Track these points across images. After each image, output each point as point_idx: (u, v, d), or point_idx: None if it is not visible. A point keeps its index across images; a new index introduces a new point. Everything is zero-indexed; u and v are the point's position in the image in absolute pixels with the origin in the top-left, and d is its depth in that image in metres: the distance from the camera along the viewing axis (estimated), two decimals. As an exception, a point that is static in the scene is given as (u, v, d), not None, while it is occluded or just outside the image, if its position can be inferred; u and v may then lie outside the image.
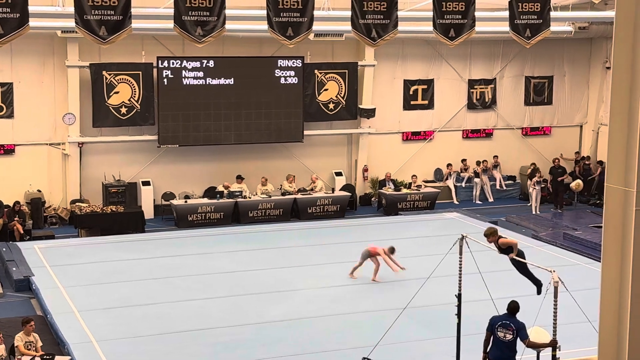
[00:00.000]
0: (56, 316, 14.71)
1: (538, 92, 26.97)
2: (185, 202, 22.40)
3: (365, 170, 25.19)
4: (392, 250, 17.10)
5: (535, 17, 16.35)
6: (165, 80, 22.54)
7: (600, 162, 26.16)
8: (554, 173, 25.07)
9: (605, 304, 6.95)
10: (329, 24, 20.72)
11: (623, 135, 6.72)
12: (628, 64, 6.64)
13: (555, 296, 10.60)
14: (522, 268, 13.05)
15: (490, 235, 12.89)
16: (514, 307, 11.21)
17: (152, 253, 19.19)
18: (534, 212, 23.94)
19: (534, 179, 24.33)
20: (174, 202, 22.52)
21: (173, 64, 22.56)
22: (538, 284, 12.96)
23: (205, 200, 22.62)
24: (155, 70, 22.53)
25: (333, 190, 24.15)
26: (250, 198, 22.80)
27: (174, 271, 17.70)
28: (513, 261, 12.89)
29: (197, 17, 14.96)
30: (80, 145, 22.61)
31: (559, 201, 24.71)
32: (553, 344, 10.87)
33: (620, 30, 6.71)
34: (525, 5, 16.28)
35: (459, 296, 12.36)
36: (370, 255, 17.05)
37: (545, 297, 10.91)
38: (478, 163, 25.83)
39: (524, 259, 12.73)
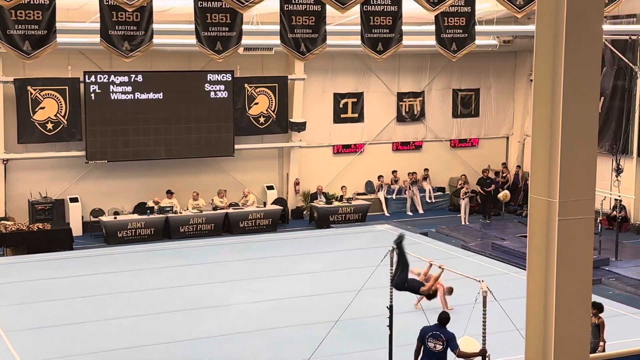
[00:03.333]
0: (-19, 338, 14.33)
1: (465, 105, 27.44)
2: (115, 218, 22.09)
3: (297, 183, 25.23)
4: (450, 291, 15.61)
5: (461, 31, 16.65)
6: (92, 95, 22.22)
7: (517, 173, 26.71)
8: (483, 184, 25.50)
9: (531, 312, 7.10)
10: (258, 38, 20.73)
11: (545, 147, 6.88)
12: (548, 76, 6.82)
13: (484, 305, 10.78)
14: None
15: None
16: (444, 317, 11.35)
17: (81, 271, 18.85)
18: (463, 223, 24.30)
19: (462, 190, 24.73)
20: (103, 218, 22.19)
21: (100, 78, 22.26)
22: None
23: (135, 216, 22.34)
24: (82, 85, 22.20)
25: (265, 204, 24.11)
26: (181, 213, 22.60)
27: (103, 289, 17.41)
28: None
29: (124, 32, 14.81)
30: (5, 162, 22.11)
31: (487, 212, 25.13)
32: (483, 353, 11.04)
33: (540, 44, 6.89)
34: (451, 20, 16.56)
35: (390, 307, 12.47)
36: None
37: (475, 307, 11.07)
38: (409, 175, 26.12)
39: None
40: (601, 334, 11.78)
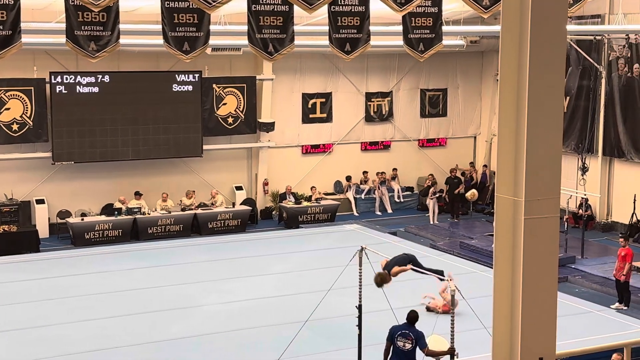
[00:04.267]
0: (-54, 342, 14.14)
1: (433, 105, 27.58)
2: (82, 219, 21.91)
3: (266, 184, 25.20)
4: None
5: (428, 31, 16.73)
6: (58, 95, 22.02)
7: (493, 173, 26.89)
8: (451, 183, 25.64)
9: (497, 310, 7.16)
10: (225, 38, 20.68)
11: (511, 147, 6.94)
12: (514, 76, 6.88)
13: (452, 304, 10.85)
14: (422, 267, 13.31)
15: (384, 282, 12.71)
16: (413, 316, 11.40)
17: (48, 273, 18.67)
18: (431, 222, 24.43)
19: (431, 190, 24.86)
20: (70, 220, 22.00)
21: (67, 79, 22.07)
22: (439, 272, 13.28)
23: (103, 218, 22.18)
24: (48, 85, 21.99)
25: (233, 204, 24.05)
26: (149, 214, 22.48)
27: (71, 291, 17.26)
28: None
29: (90, 32, 14.69)
30: (-31, 164, 21.88)
31: (455, 211, 25.27)
32: (451, 352, 11.12)
33: (505, 44, 6.94)
34: (418, 20, 16.64)
35: (359, 307, 12.50)
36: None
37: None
38: (378, 174, 26.22)
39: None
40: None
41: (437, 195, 24.95)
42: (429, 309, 14.86)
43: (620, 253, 16.59)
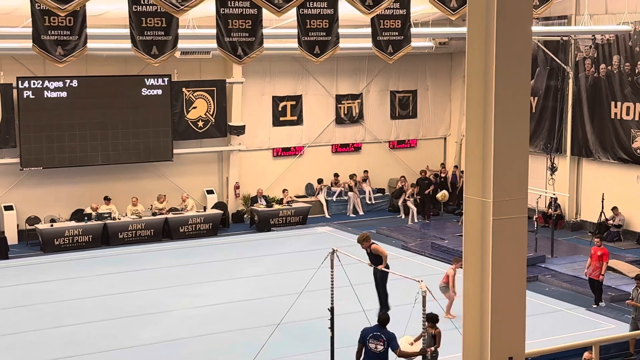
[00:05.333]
0: None
1: (403, 106, 27.68)
2: (51, 225, 21.72)
3: (237, 187, 25.14)
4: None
5: (397, 33, 16.76)
6: (26, 101, 21.81)
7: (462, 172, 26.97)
8: (421, 185, 25.73)
9: (467, 310, 7.19)
10: (194, 42, 20.61)
11: (479, 148, 6.98)
12: (480, 77, 6.91)
13: (424, 305, 10.89)
14: (382, 283, 13.43)
15: (364, 240, 13.28)
16: (384, 318, 11.44)
17: (17, 280, 18.50)
18: (410, 223, 24.41)
19: (408, 192, 24.92)
20: (39, 226, 21.79)
21: (34, 84, 21.86)
22: (385, 306, 13.39)
23: (73, 224, 21.99)
24: (15, 90, 21.76)
25: (205, 208, 23.96)
26: (119, 219, 22.33)
27: (40, 298, 17.12)
28: (378, 273, 13.20)
29: (57, 37, 14.55)
30: (-64, 171, 21.59)
31: (427, 212, 25.37)
32: (423, 353, 11.17)
33: (472, 46, 6.98)
34: (387, 22, 16.66)
35: (331, 309, 12.53)
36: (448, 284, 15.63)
37: (414, 307, 11.18)
38: (351, 177, 26.25)
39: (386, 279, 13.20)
40: (437, 342, 11.85)
41: (414, 198, 24.99)
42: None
43: (596, 253, 16.60)
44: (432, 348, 11.46)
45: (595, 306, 16.52)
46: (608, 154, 22.94)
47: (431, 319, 11.54)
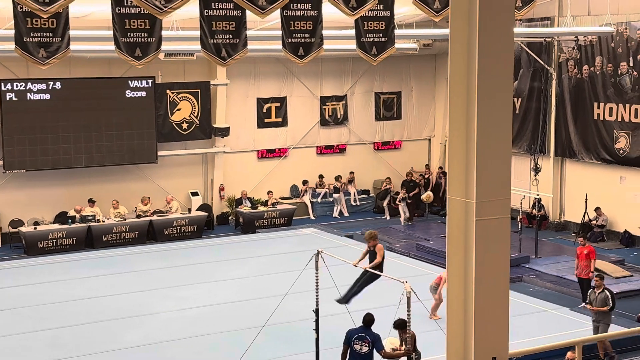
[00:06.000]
0: None
1: (387, 108, 27.72)
2: (35, 228, 21.61)
3: (222, 189, 25.10)
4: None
5: (381, 35, 16.77)
6: (9, 103, 21.69)
7: (445, 173, 27.04)
8: (407, 187, 25.74)
9: (451, 311, 7.22)
10: (178, 43, 20.55)
11: (462, 149, 7.00)
12: (463, 79, 6.94)
13: (408, 306, 10.91)
14: (365, 282, 13.41)
15: (371, 239, 13.18)
16: (369, 319, 11.45)
17: (1, 283, 18.38)
18: (402, 224, 24.33)
19: (400, 195, 24.89)
20: (23, 229, 21.67)
21: (17, 86, 21.75)
22: (346, 299, 13.37)
23: (57, 226, 21.89)
24: (-2, 93, 21.67)
25: (189, 210, 23.91)
26: (103, 222, 22.24)
27: (24, 301, 17.03)
28: (366, 273, 13.19)
29: (40, 39, 14.47)
30: None
31: (411, 213, 25.36)
32: (408, 354, 11.19)
33: (454, 47, 7.01)
34: (371, 24, 16.68)
35: (316, 311, 12.52)
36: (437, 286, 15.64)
37: (399, 308, 11.20)
38: (337, 178, 26.25)
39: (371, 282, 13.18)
40: (411, 345, 11.84)
41: (406, 201, 24.88)
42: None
43: (583, 251, 16.65)
44: (403, 349, 11.40)
45: (583, 305, 16.55)
46: (591, 154, 23.06)
47: (398, 326, 11.53)
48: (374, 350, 11.28)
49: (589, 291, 14.57)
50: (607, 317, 14.10)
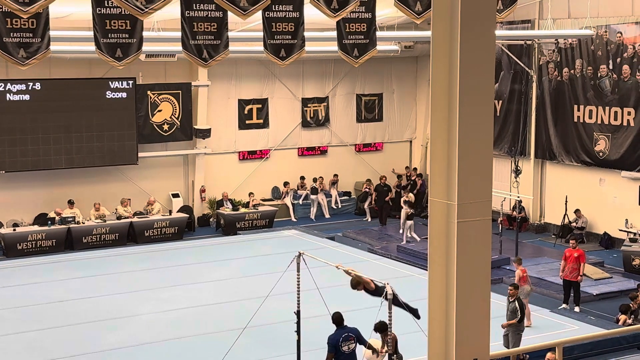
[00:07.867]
0: None
1: (369, 109, 27.76)
2: (14, 230, 21.46)
3: (203, 190, 25.02)
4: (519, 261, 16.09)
5: (362, 37, 16.79)
6: (-12, 103, 21.56)
7: (420, 175, 26.99)
8: (380, 191, 25.65)
9: (432, 313, 7.23)
10: (159, 44, 20.47)
11: (443, 151, 7.02)
12: (445, 81, 6.96)
13: (390, 308, 10.91)
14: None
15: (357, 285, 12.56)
16: (339, 316, 11.64)
17: (-21, 286, 18.25)
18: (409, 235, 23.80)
19: (402, 199, 24.66)
20: (2, 230, 21.52)
21: (-4, 86, 21.62)
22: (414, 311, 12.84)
23: (36, 228, 21.74)
24: (-23, 93, 21.51)
25: (170, 212, 23.82)
26: (83, 223, 22.12)
27: (2, 303, 16.89)
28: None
29: (20, 39, 14.36)
30: None
31: (384, 216, 25.25)
32: (390, 353, 11.19)
33: (436, 50, 7.02)
34: (352, 26, 16.69)
35: (297, 313, 12.51)
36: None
37: (380, 309, 11.20)
38: (315, 180, 26.22)
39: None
40: (392, 347, 11.84)
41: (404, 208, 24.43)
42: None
43: (573, 254, 16.68)
44: (384, 350, 11.44)
45: (564, 307, 16.65)
46: (571, 156, 23.20)
47: (379, 329, 11.56)
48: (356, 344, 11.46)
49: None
50: (518, 327, 13.90)
